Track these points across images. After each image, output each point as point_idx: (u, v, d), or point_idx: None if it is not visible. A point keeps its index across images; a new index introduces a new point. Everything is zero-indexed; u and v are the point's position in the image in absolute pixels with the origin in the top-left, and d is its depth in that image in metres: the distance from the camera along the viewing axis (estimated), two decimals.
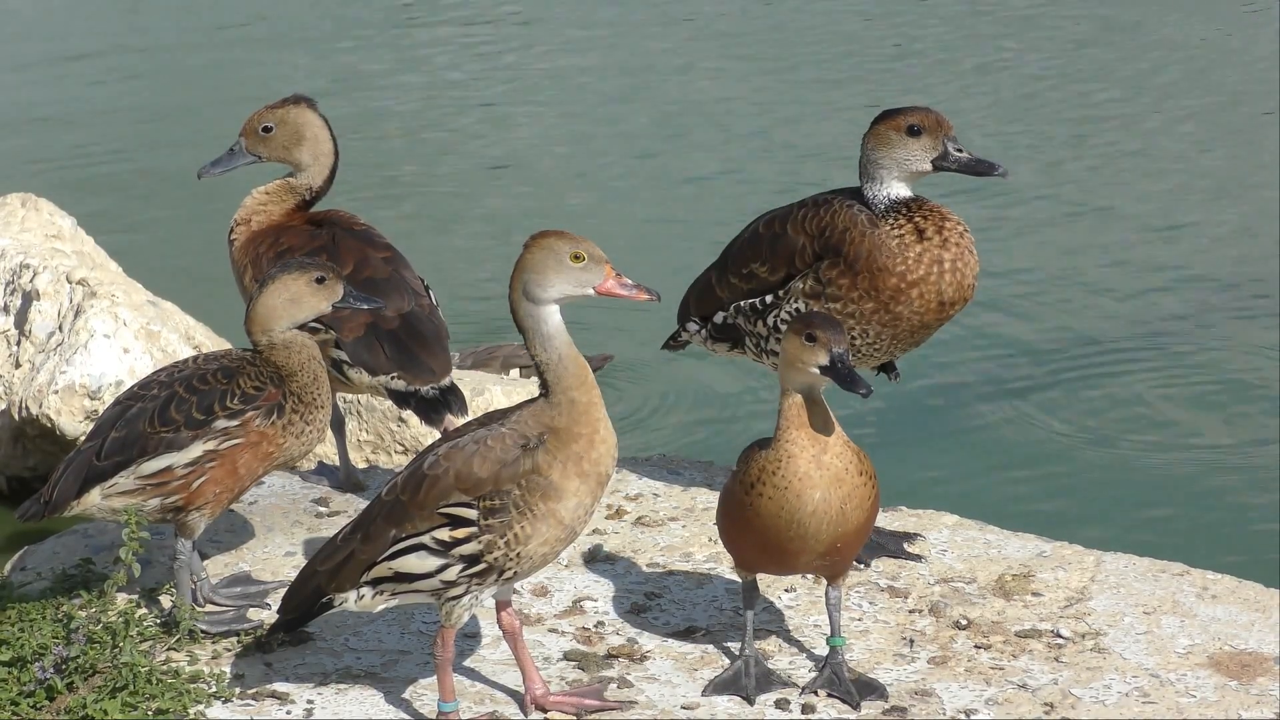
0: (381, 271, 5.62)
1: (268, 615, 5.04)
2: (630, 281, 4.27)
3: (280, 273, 4.91)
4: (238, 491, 4.94)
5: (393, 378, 5.49)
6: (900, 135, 5.11)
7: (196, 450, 4.83)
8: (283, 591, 4.67)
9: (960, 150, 5.11)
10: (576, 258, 4.22)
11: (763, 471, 4.44)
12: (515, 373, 8.51)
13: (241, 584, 5.22)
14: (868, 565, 5.29)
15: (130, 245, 9.97)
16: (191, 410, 4.82)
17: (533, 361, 4.30)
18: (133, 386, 5.05)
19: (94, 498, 4.86)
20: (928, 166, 5.13)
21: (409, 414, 5.58)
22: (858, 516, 4.47)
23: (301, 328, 5.00)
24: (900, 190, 5.16)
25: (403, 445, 7.44)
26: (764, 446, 4.49)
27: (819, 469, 4.41)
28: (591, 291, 4.25)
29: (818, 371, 4.40)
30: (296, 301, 4.90)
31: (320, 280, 4.91)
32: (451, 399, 5.55)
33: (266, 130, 5.76)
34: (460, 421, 5.38)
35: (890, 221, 5.14)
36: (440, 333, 5.62)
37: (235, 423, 4.84)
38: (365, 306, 5.07)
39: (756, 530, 4.50)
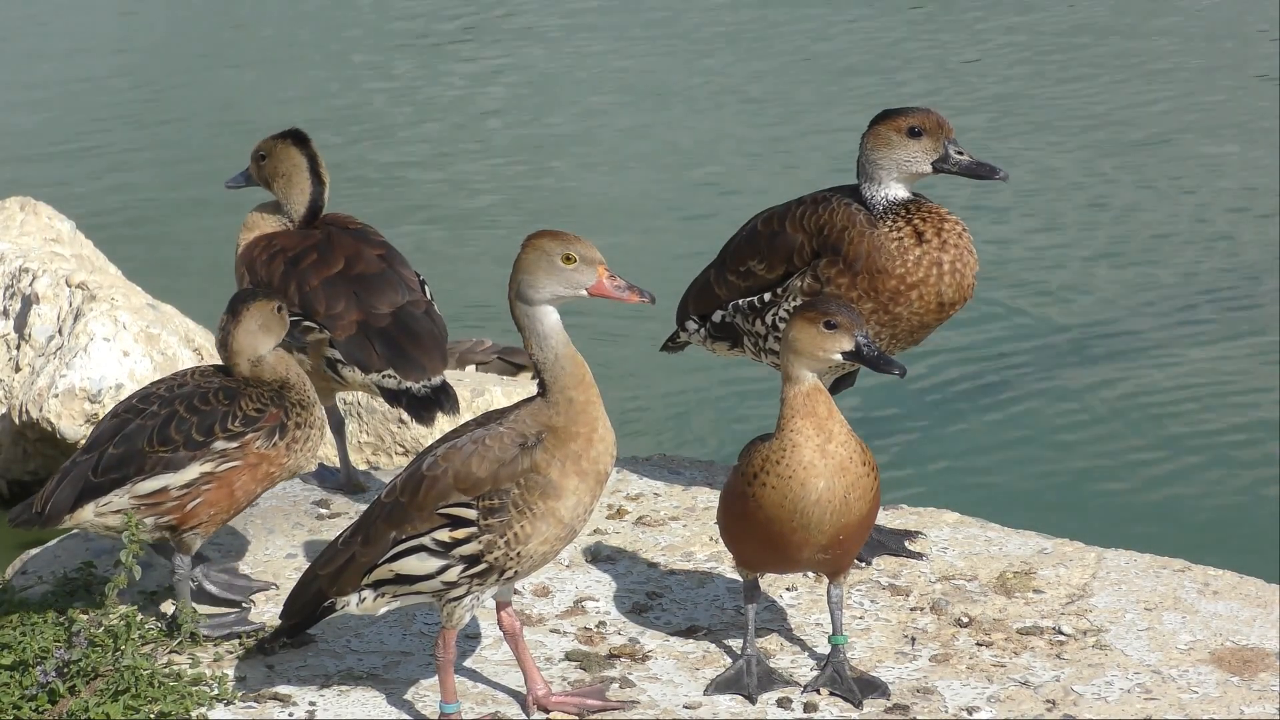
0: (374, 267, 5.68)
1: (269, 617, 5.05)
2: (623, 283, 4.26)
3: (250, 300, 4.98)
4: (234, 511, 4.94)
5: (385, 375, 5.51)
6: (900, 137, 5.09)
7: (193, 472, 4.83)
8: (267, 591, 4.77)
9: (961, 153, 5.09)
10: (568, 259, 4.21)
11: (766, 461, 4.42)
12: (470, 369, 8.52)
13: (230, 574, 5.23)
14: (869, 563, 5.28)
15: (129, 248, 9.97)
16: (191, 431, 4.83)
17: (530, 360, 4.30)
18: (130, 399, 5.03)
19: (87, 514, 4.85)
20: (927, 168, 5.11)
21: (406, 413, 5.60)
22: (861, 507, 4.45)
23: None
24: (899, 191, 5.14)
25: (403, 447, 7.44)
26: (766, 440, 4.48)
27: (824, 458, 4.39)
28: (584, 293, 4.24)
29: (840, 358, 4.39)
30: (268, 328, 4.98)
31: (279, 310, 5.02)
32: (443, 397, 5.56)
33: (261, 157, 5.90)
34: (455, 420, 5.41)
35: (889, 223, 5.12)
36: (435, 330, 5.64)
37: (234, 445, 4.84)
38: (298, 341, 5.47)
39: (759, 523, 4.48)
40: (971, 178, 5.12)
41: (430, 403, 5.55)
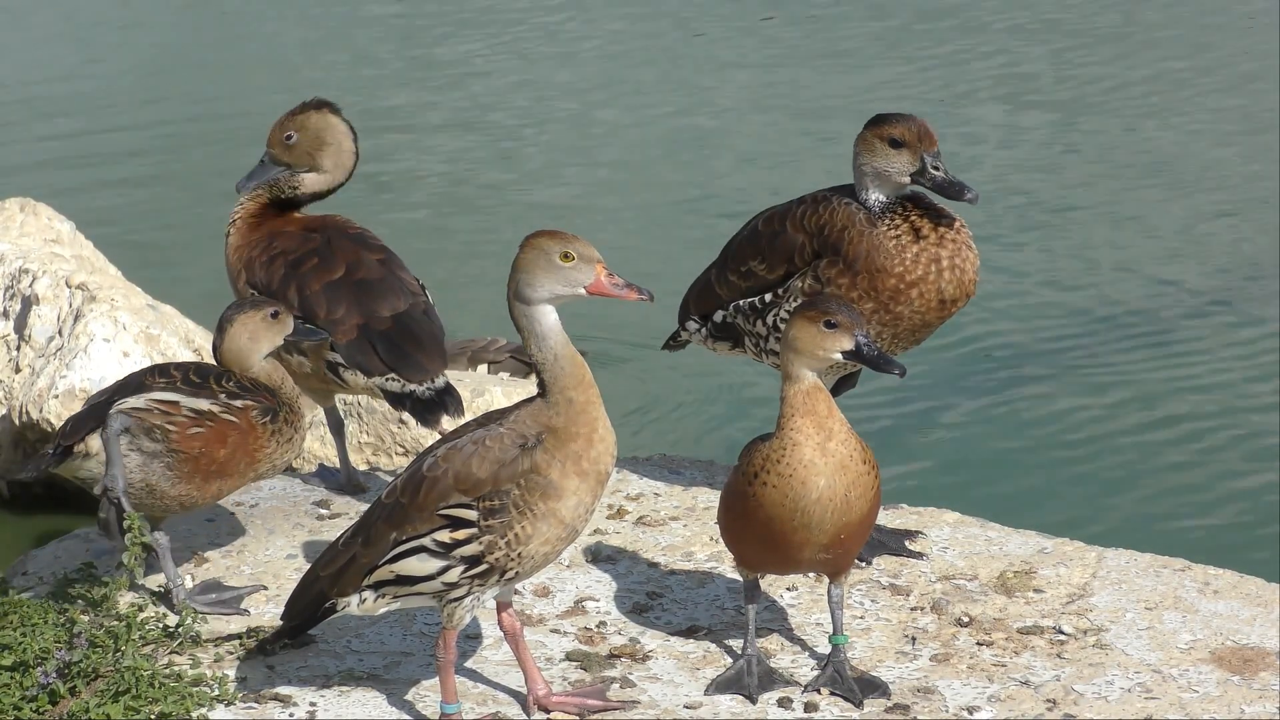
0: (375, 272, 5.68)
1: (269, 618, 5.05)
2: (622, 281, 4.25)
3: (237, 313, 5.17)
4: (216, 484, 5.03)
5: (388, 379, 5.52)
6: (883, 145, 5.09)
7: (202, 403, 4.98)
8: (256, 594, 4.87)
9: (937, 169, 5.08)
10: (566, 257, 4.21)
11: (766, 460, 4.42)
12: (483, 369, 8.49)
13: (215, 590, 5.23)
14: (869, 563, 5.29)
15: (129, 248, 9.96)
16: (189, 373, 5.04)
17: (530, 360, 4.30)
18: None
19: (96, 443, 4.95)
20: (906, 180, 5.12)
21: (409, 415, 5.60)
22: (862, 505, 4.45)
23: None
24: (882, 198, 5.14)
25: (403, 447, 7.43)
26: (766, 439, 4.48)
27: (824, 456, 4.39)
28: (582, 291, 4.24)
29: (840, 358, 4.39)
30: (256, 338, 5.16)
31: (274, 315, 5.20)
32: (447, 399, 5.57)
33: (289, 139, 5.85)
34: (458, 422, 5.41)
35: (887, 221, 5.13)
36: (435, 332, 5.65)
37: (235, 402, 5.01)
38: (312, 340, 5.45)
39: (760, 522, 4.47)
40: (941, 194, 5.11)
41: (434, 404, 5.55)
